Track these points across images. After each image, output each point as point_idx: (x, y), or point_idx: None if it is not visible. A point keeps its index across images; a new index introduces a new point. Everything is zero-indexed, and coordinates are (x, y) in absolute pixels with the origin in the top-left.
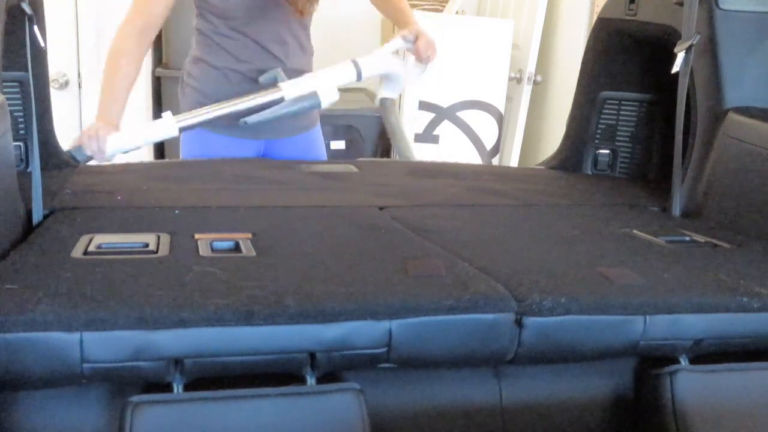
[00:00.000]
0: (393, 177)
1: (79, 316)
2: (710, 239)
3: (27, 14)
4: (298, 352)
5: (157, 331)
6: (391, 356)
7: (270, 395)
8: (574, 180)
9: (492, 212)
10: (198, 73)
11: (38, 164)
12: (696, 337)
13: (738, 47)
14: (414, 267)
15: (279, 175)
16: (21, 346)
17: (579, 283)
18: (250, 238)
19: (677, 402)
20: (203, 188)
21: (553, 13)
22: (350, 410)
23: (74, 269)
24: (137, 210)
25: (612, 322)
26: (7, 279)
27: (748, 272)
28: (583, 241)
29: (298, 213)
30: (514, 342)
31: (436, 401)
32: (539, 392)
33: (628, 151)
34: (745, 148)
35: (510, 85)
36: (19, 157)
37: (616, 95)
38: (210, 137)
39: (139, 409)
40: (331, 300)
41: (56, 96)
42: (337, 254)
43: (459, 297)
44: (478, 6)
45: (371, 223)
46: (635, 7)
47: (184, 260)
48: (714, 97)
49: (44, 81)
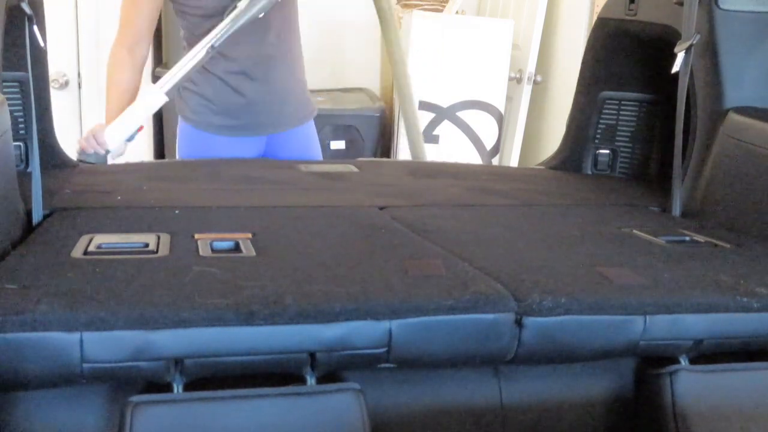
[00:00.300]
0: (393, 177)
1: (79, 316)
2: (710, 239)
3: (27, 14)
4: (298, 352)
5: (157, 331)
6: (391, 356)
7: (270, 395)
8: (574, 180)
9: (492, 212)
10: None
11: (38, 164)
12: (696, 337)
13: (738, 47)
14: (414, 267)
15: (279, 175)
16: (21, 346)
17: (579, 283)
18: (250, 238)
19: (677, 402)
20: (203, 188)
21: (553, 13)
22: (350, 410)
23: (74, 269)
24: (137, 210)
25: (612, 322)
26: (7, 279)
27: (748, 272)
28: (583, 241)
29: (298, 213)
30: (514, 342)
31: (436, 401)
32: (539, 392)
33: (628, 151)
34: (745, 148)
35: (510, 85)
36: (19, 157)
37: (616, 95)
38: (210, 139)
39: (139, 409)
40: (331, 300)
41: (56, 96)
42: (337, 254)
43: (459, 297)
44: (478, 6)
45: (371, 223)
46: (635, 7)
47: (184, 260)
48: (714, 97)
49: (44, 81)
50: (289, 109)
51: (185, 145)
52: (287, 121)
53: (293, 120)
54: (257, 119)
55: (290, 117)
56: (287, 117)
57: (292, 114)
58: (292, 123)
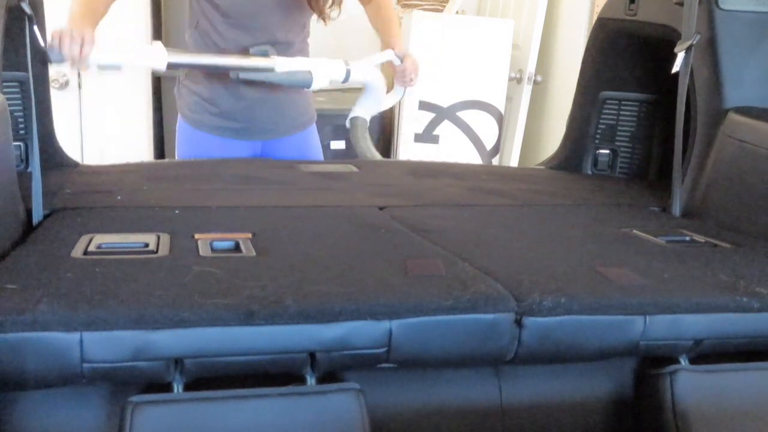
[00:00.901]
0: (393, 177)
1: (79, 316)
2: (710, 239)
3: (27, 14)
4: (298, 352)
5: (157, 331)
6: (391, 356)
7: (270, 395)
8: (574, 180)
9: (492, 212)
10: (196, 77)
11: (38, 164)
12: (696, 337)
13: (738, 47)
14: (414, 267)
15: (279, 175)
16: (21, 346)
17: (579, 283)
18: (250, 238)
19: (677, 402)
20: (203, 188)
21: (553, 13)
22: (350, 410)
23: (74, 269)
24: (137, 210)
25: (612, 322)
26: (7, 279)
27: (748, 272)
28: (583, 241)
29: (298, 213)
30: (514, 342)
31: (436, 401)
32: (539, 392)
33: (628, 151)
34: (745, 148)
35: (510, 85)
36: (19, 157)
37: (616, 95)
38: (206, 138)
39: (139, 409)
40: (331, 300)
41: (56, 96)
42: (337, 254)
43: (459, 297)
44: (478, 6)
45: (371, 223)
46: (635, 7)
47: (184, 260)
48: (714, 97)
49: (44, 81)
50: (288, 116)
51: (182, 142)
52: (284, 128)
53: (290, 128)
54: (254, 124)
55: (287, 125)
56: (284, 125)
57: (290, 122)
58: (289, 130)
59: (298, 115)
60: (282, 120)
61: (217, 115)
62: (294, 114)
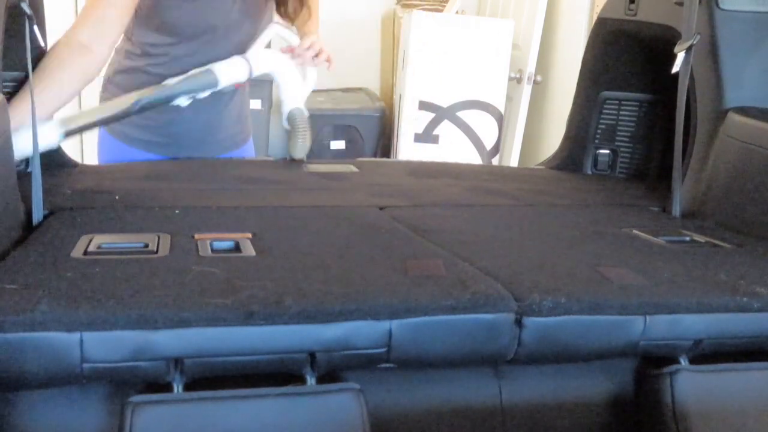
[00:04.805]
0: (393, 177)
1: (79, 316)
2: (710, 239)
3: (27, 14)
4: (298, 352)
5: (157, 331)
6: (391, 356)
7: (270, 395)
8: (574, 180)
9: (492, 212)
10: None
11: (38, 164)
12: (696, 337)
13: (738, 47)
14: (414, 267)
15: (279, 175)
16: (21, 346)
17: (579, 283)
18: (250, 238)
19: (677, 402)
20: (203, 188)
21: (553, 13)
22: (350, 410)
23: (74, 269)
24: (137, 210)
25: (612, 322)
26: (7, 279)
27: (748, 272)
28: (583, 241)
29: (298, 213)
30: (514, 342)
31: (436, 401)
32: (539, 392)
33: (628, 151)
34: (745, 148)
35: (510, 85)
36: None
37: (616, 95)
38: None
39: (139, 409)
40: (331, 300)
41: None
42: (337, 254)
43: (459, 297)
44: (478, 6)
45: (371, 223)
46: (635, 7)
47: (184, 260)
48: (714, 97)
49: None
50: (217, 137)
51: (100, 151)
52: (211, 149)
53: (218, 148)
54: (178, 140)
55: (216, 145)
56: (212, 145)
57: (219, 142)
58: (217, 151)
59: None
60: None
61: (137, 126)
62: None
